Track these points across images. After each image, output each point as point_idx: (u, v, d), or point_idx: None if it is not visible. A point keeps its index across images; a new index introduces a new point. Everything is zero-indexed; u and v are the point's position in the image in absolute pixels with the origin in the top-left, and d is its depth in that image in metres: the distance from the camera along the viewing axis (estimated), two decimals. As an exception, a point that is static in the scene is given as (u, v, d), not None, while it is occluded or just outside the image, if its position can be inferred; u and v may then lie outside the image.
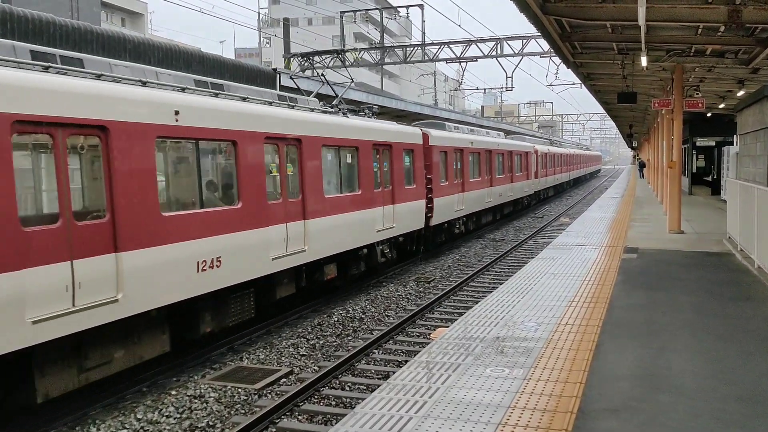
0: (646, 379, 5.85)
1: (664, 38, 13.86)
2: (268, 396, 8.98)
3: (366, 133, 15.17)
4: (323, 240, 13.00)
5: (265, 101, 11.86)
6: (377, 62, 35.04)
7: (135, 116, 8.45)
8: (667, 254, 13.17)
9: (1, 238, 6.75)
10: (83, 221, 7.78)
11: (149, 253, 8.58)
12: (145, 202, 8.53)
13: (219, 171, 10.66)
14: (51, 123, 7.35)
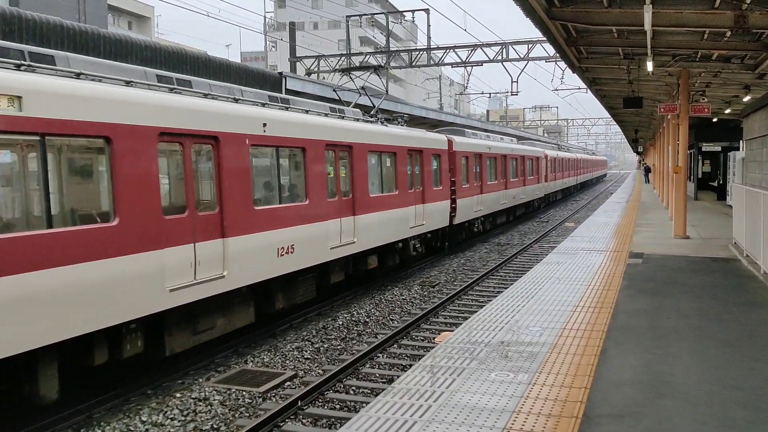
0: (651, 385, 5.85)
1: (670, 43, 13.85)
2: (273, 399, 8.99)
3: (402, 140, 16.91)
4: (368, 234, 14.72)
5: (322, 113, 13.67)
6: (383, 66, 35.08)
7: (237, 128, 10.32)
8: (673, 259, 13.14)
9: (149, 224, 8.59)
10: (202, 212, 9.61)
11: (246, 240, 10.44)
12: (243, 198, 10.45)
13: (292, 173, 12.40)
14: (181, 134, 9.24)
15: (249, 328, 11.79)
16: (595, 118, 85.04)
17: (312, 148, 12.48)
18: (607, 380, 5.98)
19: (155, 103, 8.79)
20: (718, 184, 31.65)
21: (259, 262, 10.81)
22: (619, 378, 6.04)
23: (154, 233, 8.62)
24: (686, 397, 5.54)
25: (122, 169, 8.27)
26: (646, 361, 6.55)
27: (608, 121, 76.97)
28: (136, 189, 8.46)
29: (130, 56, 13.24)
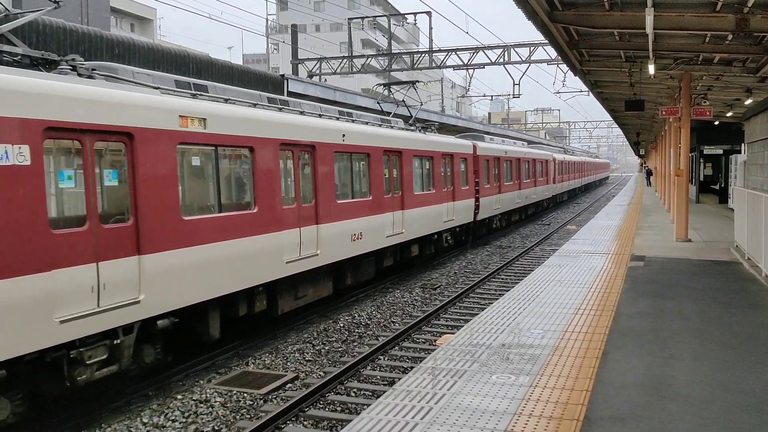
0: (653, 388, 5.84)
1: (671, 46, 13.86)
2: (274, 401, 8.99)
3: (437, 145, 19.52)
4: (413, 226, 17.29)
5: (376, 123, 16.27)
6: (384, 69, 35.13)
7: (327, 138, 13.02)
8: (674, 262, 13.14)
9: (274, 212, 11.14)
10: (305, 205, 12.17)
11: (331, 227, 13.03)
12: (330, 193, 13.02)
13: (361, 173, 14.95)
14: (292, 144, 11.80)
15: (255, 330, 11.81)
16: (596, 121, 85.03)
17: (375, 153, 15.18)
18: (608, 383, 5.98)
19: (276, 121, 11.37)
20: (720, 187, 31.63)
21: (339, 245, 13.44)
22: (621, 381, 6.04)
23: (276, 219, 11.22)
24: (688, 399, 5.53)
25: (259, 170, 10.77)
26: (647, 363, 6.54)
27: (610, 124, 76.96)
28: (267, 186, 10.97)
29: (133, 59, 13.25)
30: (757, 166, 17.57)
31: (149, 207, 8.52)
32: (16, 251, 6.76)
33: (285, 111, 12.24)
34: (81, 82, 7.91)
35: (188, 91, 9.85)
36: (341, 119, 14.55)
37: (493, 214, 26.13)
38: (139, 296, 8.31)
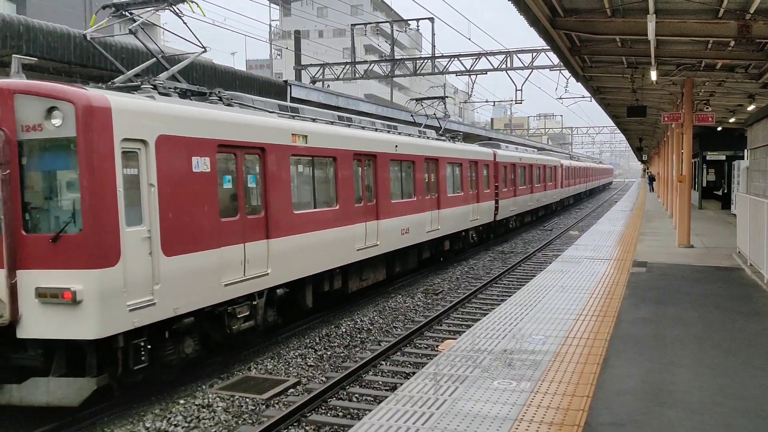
0: (653, 394, 5.86)
1: (673, 52, 13.89)
2: (276, 406, 9.01)
3: (465, 153, 22.11)
4: (446, 223, 19.74)
5: (416, 135, 18.86)
6: (387, 74, 35.21)
7: (384, 149, 15.54)
8: (676, 268, 13.15)
9: (349, 209, 13.69)
10: (369, 203, 14.77)
11: (387, 222, 15.54)
12: (387, 194, 15.57)
13: (407, 177, 17.30)
14: (360, 153, 14.40)
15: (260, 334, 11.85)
16: (599, 127, 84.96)
17: (418, 161, 17.71)
18: (609, 389, 6.00)
19: (350, 135, 14.11)
20: (723, 193, 31.60)
21: (393, 237, 15.91)
22: (622, 387, 6.06)
23: (350, 215, 13.78)
24: (688, 405, 5.55)
25: (340, 175, 13.45)
26: (648, 369, 6.56)
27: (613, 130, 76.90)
28: (345, 187, 13.57)
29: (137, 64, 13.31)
30: (759, 172, 17.57)
31: (274, 203, 11.11)
32: (203, 232, 9.35)
33: (352, 127, 14.97)
34: (229, 110, 10.47)
35: (288, 113, 12.50)
36: (392, 132, 17.19)
37: (510, 215, 28.62)
38: (268, 270, 10.88)
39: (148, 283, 8.39)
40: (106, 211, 7.86)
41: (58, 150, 7.94)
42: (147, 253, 8.39)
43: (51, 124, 7.82)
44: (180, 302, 8.93)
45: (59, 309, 7.70)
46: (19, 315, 7.80)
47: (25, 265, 7.82)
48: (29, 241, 7.86)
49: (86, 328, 7.70)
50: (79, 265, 7.71)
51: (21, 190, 7.94)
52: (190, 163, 9.22)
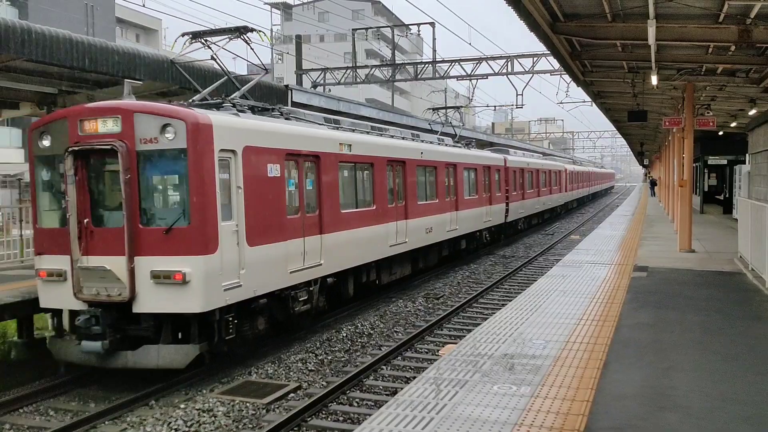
0: (653, 398, 5.85)
1: (674, 57, 13.90)
2: (276, 411, 9.01)
3: (479, 159, 23.95)
4: (463, 224, 21.38)
5: (435, 142, 20.70)
6: (388, 79, 35.28)
7: (411, 155, 17.34)
8: (677, 273, 13.14)
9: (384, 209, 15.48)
10: (399, 204, 16.36)
11: (414, 221, 17.15)
12: (414, 196, 17.33)
13: (430, 181, 18.96)
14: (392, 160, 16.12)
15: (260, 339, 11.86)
16: (600, 131, 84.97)
17: (440, 166, 19.40)
18: (609, 393, 5.99)
19: (384, 144, 16.00)
20: (725, 198, 31.57)
21: (418, 236, 17.55)
22: (622, 391, 6.05)
23: (385, 214, 15.47)
24: (688, 410, 5.54)
25: (377, 179, 15.11)
26: (648, 374, 6.55)
27: (614, 134, 76.87)
28: (380, 190, 15.35)
29: (138, 69, 13.33)
30: (761, 177, 17.57)
31: (326, 203, 12.86)
32: (275, 227, 11.11)
33: (384, 136, 16.69)
34: (289, 123, 12.44)
35: (332, 125, 14.37)
36: (416, 140, 18.92)
37: (519, 217, 30.17)
38: (321, 261, 12.58)
39: (236, 268, 10.11)
40: (208, 209, 9.56)
41: (170, 159, 9.65)
42: (236, 243, 10.13)
43: (165, 137, 9.45)
44: (258, 285, 10.66)
45: (170, 288, 9.35)
46: (135, 293, 9.44)
47: (142, 253, 9.44)
48: (145, 233, 9.54)
49: (193, 304, 9.41)
50: (188, 252, 9.39)
51: (138, 191, 9.61)
52: (266, 169, 11.03)
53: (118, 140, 9.55)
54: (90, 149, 9.77)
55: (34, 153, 10.44)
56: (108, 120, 9.71)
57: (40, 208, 10.51)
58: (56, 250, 9.93)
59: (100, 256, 9.67)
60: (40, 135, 10.25)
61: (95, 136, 9.72)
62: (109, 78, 14.42)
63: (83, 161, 9.89)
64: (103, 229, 9.86)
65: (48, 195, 10.58)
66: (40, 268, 10.12)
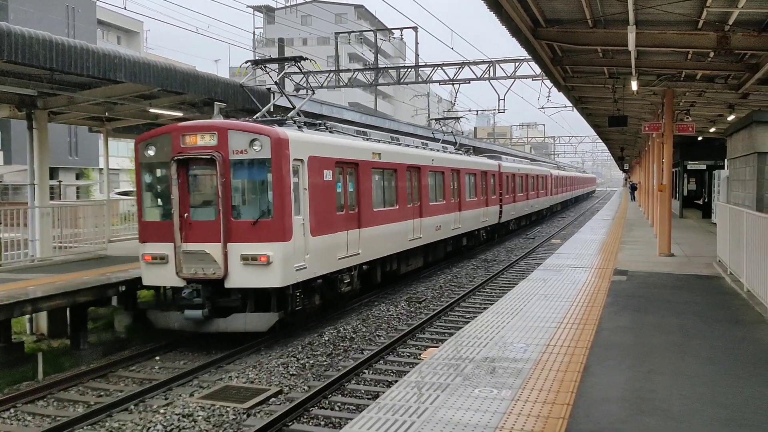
0: (633, 402, 5.88)
1: (654, 63, 14.03)
2: (257, 415, 8.95)
3: (478, 165, 26.71)
4: (465, 223, 24.07)
5: (442, 149, 23.68)
6: (371, 83, 35.27)
7: (425, 162, 19.94)
8: (657, 277, 13.24)
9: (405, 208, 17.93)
10: (415, 204, 18.85)
11: (427, 220, 19.73)
12: (427, 198, 19.82)
13: (439, 184, 21.47)
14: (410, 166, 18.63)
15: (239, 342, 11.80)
16: (581, 136, 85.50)
17: (446, 171, 22.02)
18: (589, 397, 6.02)
19: (404, 152, 18.66)
20: (704, 202, 31.88)
21: (430, 232, 20.11)
22: (602, 395, 6.08)
23: (405, 213, 17.96)
24: (668, 414, 5.58)
25: (399, 183, 17.76)
26: (628, 377, 6.59)
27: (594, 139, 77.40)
28: (402, 192, 17.88)
29: (118, 72, 13.22)
30: (739, 182, 17.75)
31: (363, 202, 15.37)
32: (329, 221, 13.65)
33: (401, 144, 19.49)
34: (335, 136, 15.17)
35: (363, 136, 17.13)
36: (425, 148, 21.41)
37: (510, 218, 32.79)
38: (359, 251, 15.08)
39: (303, 254, 12.51)
40: (286, 206, 11.96)
41: (257, 166, 12.11)
42: (302, 234, 12.53)
43: (253, 149, 11.87)
44: (317, 268, 13.14)
45: (256, 268, 11.74)
46: (228, 272, 11.81)
47: (233, 240, 11.84)
48: (236, 225, 11.94)
49: (274, 280, 11.84)
50: (271, 239, 11.78)
51: (231, 192, 11.99)
52: (323, 174, 13.47)
53: (215, 151, 11.94)
54: (190, 158, 12.17)
55: (140, 161, 12.73)
56: (206, 135, 12.10)
57: (144, 205, 12.83)
58: (159, 239, 12.25)
59: (199, 243, 11.98)
60: (146, 146, 12.62)
61: (195, 148, 12.12)
62: (90, 80, 14.33)
63: (183, 168, 12.23)
64: (199, 221, 12.15)
65: (150, 195, 12.90)
66: (144, 253, 12.43)
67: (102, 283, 12.35)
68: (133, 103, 16.83)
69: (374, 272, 16.53)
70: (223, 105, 14.35)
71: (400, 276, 18.73)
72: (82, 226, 16.87)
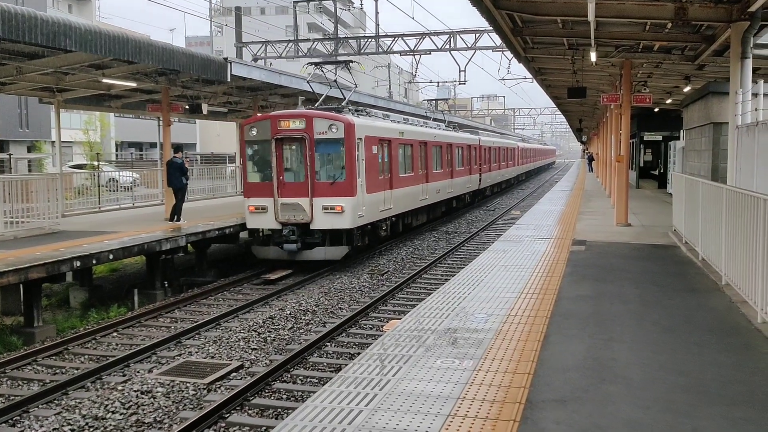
0: (594, 370, 5.93)
1: (613, 34, 14.06)
2: (218, 391, 8.85)
3: (465, 140, 31.55)
4: (456, 188, 28.84)
5: (436, 126, 28.34)
6: (331, 53, 34.82)
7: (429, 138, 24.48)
8: (615, 246, 13.41)
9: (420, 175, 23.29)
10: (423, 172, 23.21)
11: (431, 185, 24.32)
12: (431, 167, 24.33)
13: (439, 156, 25.91)
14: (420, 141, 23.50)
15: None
16: (540, 108, 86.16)
17: (444, 146, 26.79)
18: (550, 366, 6.05)
19: (417, 130, 23.14)
20: (659, 173, 32.42)
21: (433, 195, 24.74)
22: (562, 363, 6.12)
23: (418, 178, 22.34)
24: (628, 381, 5.63)
25: (415, 154, 22.15)
26: (588, 346, 6.65)
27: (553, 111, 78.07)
28: (415, 162, 22.10)
29: (69, 40, 12.76)
30: (694, 152, 18.05)
31: (393, 169, 19.80)
32: (375, 183, 17.91)
33: (414, 125, 23.99)
34: (374, 119, 19.52)
35: (390, 119, 21.70)
36: (427, 126, 26.20)
37: (487, 185, 38.14)
38: (391, 206, 19.49)
39: (361, 206, 17.06)
40: (353, 171, 16.60)
41: (333, 143, 16.60)
42: (361, 192, 17.05)
43: (331, 131, 16.42)
44: (369, 217, 17.76)
45: (333, 215, 16.36)
46: (312, 218, 16.43)
47: (317, 195, 16.42)
48: (318, 185, 16.49)
49: (346, 223, 16.51)
50: (343, 195, 16.40)
51: (315, 162, 16.50)
52: (372, 149, 17.91)
53: (304, 133, 16.48)
54: (286, 138, 16.71)
55: (245, 139, 17.26)
56: (297, 121, 16.66)
57: (249, 171, 17.41)
58: (260, 195, 16.80)
59: (292, 197, 16.54)
60: (250, 128, 17.16)
61: (288, 130, 16.64)
62: (39, 49, 13.82)
63: (279, 144, 16.69)
64: (292, 182, 16.73)
65: (251, 163, 17.39)
66: (249, 204, 16.95)
67: (55, 258, 12.02)
68: (85, 73, 16.33)
69: (397, 224, 21.24)
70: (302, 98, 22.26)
71: (411, 228, 23.43)
72: (34, 200, 16.37)
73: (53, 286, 14.87)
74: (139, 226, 16.82)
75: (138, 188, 27.31)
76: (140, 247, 14.06)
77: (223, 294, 14.83)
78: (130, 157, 58.28)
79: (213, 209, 21.84)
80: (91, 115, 44.08)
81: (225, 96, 23.08)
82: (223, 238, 17.41)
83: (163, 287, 15.11)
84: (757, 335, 6.96)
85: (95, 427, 7.67)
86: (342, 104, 18.91)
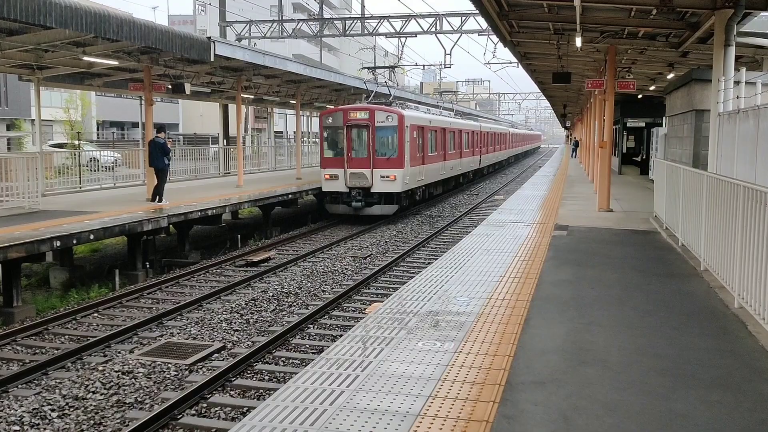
0: (573, 353, 5.99)
1: (598, 20, 14.08)
2: (200, 371, 8.85)
3: (470, 126, 36.98)
4: (464, 166, 34.74)
5: (451, 114, 35.60)
6: (316, 34, 34.60)
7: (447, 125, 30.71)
8: (596, 232, 13.51)
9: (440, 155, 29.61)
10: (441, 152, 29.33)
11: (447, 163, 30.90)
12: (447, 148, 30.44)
13: (452, 139, 31.42)
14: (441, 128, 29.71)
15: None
16: (525, 93, 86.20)
17: (456, 131, 31.95)
18: (530, 349, 6.11)
19: (440, 119, 29.68)
20: (642, 159, 32.62)
21: (449, 171, 30.52)
22: (542, 346, 6.18)
23: (439, 157, 28.55)
24: (607, 364, 5.70)
25: (437, 138, 28.17)
26: (568, 329, 6.71)
27: (538, 96, 78.13)
28: (439, 144, 28.36)
29: (48, 17, 12.57)
30: (676, 139, 18.17)
31: (425, 150, 25.49)
32: (415, 159, 24.28)
33: (435, 114, 29.81)
34: (413, 111, 26.61)
35: (422, 109, 30.36)
36: (442, 114, 31.71)
37: (486, 165, 43.75)
38: (423, 178, 25.46)
39: (407, 176, 22.66)
40: (403, 150, 22.34)
41: (389, 130, 22.36)
42: (407, 165, 22.50)
43: (388, 120, 22.18)
44: (411, 185, 23.42)
45: (388, 181, 22.18)
46: (372, 183, 22.23)
47: (376, 167, 22.14)
48: (377, 159, 22.19)
49: (397, 188, 22.37)
50: (396, 167, 22.21)
51: (375, 143, 22.16)
52: (413, 134, 23.51)
53: (368, 122, 22.24)
54: (354, 125, 22.39)
55: (323, 125, 23.10)
56: (362, 113, 22.53)
57: (325, 148, 22.99)
58: (333, 166, 22.59)
59: (358, 168, 22.26)
60: (327, 117, 22.97)
61: (356, 119, 22.42)
62: (18, 25, 13.61)
63: (349, 130, 22.37)
64: (358, 158, 22.34)
65: (326, 143, 23.00)
66: (325, 173, 22.68)
67: (35, 238, 11.92)
68: (66, 50, 16.11)
69: (425, 192, 26.82)
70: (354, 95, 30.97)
71: (433, 196, 29.26)
72: (13, 179, 16.19)
73: (33, 266, 14.74)
74: (120, 207, 16.69)
75: (119, 168, 27.06)
76: (121, 228, 13.96)
77: (205, 275, 14.80)
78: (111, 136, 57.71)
79: (195, 190, 21.72)
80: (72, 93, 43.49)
81: (208, 76, 22.88)
82: (206, 219, 17.27)
83: (144, 268, 15.03)
84: (733, 320, 7.06)
85: (76, 407, 7.64)
86: (389, 99, 26.09)
